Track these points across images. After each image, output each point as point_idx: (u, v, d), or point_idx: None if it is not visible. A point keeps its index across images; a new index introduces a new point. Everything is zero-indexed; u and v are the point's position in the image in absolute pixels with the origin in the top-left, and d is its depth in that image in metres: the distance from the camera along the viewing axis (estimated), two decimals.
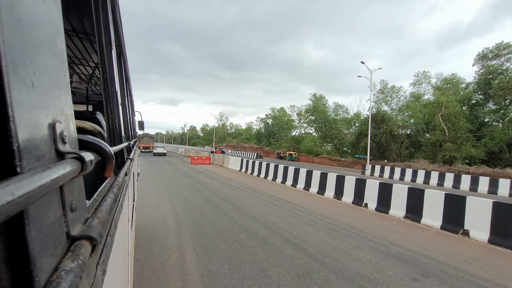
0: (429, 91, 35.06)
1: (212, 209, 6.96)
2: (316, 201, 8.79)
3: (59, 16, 0.35)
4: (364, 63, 21.35)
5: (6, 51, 0.22)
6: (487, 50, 28.45)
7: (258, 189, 10.44)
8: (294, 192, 10.30)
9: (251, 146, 56.65)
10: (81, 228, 0.38)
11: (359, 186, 8.48)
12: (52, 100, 0.31)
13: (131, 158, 1.91)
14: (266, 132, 60.71)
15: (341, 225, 6.18)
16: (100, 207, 0.52)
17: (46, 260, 0.26)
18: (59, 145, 0.31)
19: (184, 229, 5.24)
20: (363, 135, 30.45)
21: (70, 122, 0.37)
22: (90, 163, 0.36)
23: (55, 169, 0.26)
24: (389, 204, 7.45)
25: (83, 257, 0.31)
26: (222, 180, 12.46)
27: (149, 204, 7.32)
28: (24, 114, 0.24)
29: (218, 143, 70.24)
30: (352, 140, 35.24)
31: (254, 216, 6.40)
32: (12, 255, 0.23)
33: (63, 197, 0.32)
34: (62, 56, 0.36)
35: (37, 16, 0.28)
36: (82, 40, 2.99)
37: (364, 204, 8.15)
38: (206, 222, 5.79)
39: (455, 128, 24.71)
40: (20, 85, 0.24)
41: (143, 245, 4.32)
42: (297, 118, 55.10)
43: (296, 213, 6.99)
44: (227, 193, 9.33)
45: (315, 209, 7.62)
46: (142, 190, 8.98)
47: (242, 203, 7.76)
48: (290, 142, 46.65)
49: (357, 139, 32.32)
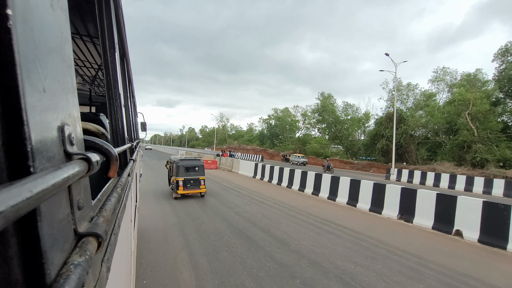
0: (443, 89, 32.86)
1: (243, 243, 4.66)
2: (379, 224, 6.49)
3: (67, 23, 0.36)
4: (389, 55, 19.21)
5: (21, 60, 0.23)
6: (510, 44, 26.44)
7: (290, 204, 8.12)
8: (337, 209, 7.99)
9: (253, 148, 54.32)
10: (88, 225, 0.39)
11: (447, 204, 6.22)
12: (61, 104, 0.32)
13: (133, 159, 1.90)
14: (269, 134, 58.40)
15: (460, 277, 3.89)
16: (104, 206, 0.53)
17: (56, 254, 0.27)
18: (68, 147, 0.32)
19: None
20: (380, 136, 28.18)
21: (77, 125, 0.38)
22: (96, 164, 0.37)
23: (65, 169, 0.27)
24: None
25: (90, 252, 0.32)
26: (238, 191, 10.13)
27: (149, 232, 4.99)
28: (36, 117, 0.25)
29: (218, 145, 68.04)
30: (366, 142, 32.76)
31: (313, 259, 4.10)
32: (25, 249, 0.24)
33: (71, 196, 0.33)
34: (69, 62, 0.37)
35: (47, 25, 0.29)
36: (86, 42, 3.00)
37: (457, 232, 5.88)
38: (243, 275, 3.50)
39: (484, 127, 22.51)
40: (33, 91, 0.25)
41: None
42: (302, 119, 52.95)
43: (372, 250, 4.67)
44: (252, 211, 7.00)
45: (395, 242, 5.31)
46: (140, 207, 6.66)
47: (281, 231, 5.45)
48: (296, 143, 44.26)
49: (372, 140, 30.03)
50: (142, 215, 6.16)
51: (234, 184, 11.91)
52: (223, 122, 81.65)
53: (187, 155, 32.27)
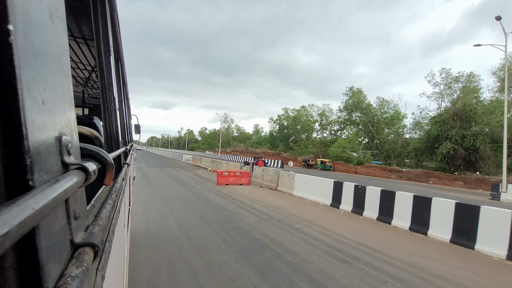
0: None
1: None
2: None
3: (65, 32, 0.36)
4: (500, 19, 13.30)
5: (22, 74, 0.23)
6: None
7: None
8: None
9: (264, 151, 48.12)
10: (84, 235, 0.38)
11: None
12: (58, 114, 0.32)
13: (128, 163, 1.88)
14: (280, 135, 52.19)
15: None
16: (100, 214, 0.52)
17: (53, 267, 0.27)
18: (65, 157, 0.32)
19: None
20: (442, 138, 22.37)
21: (74, 133, 0.37)
22: (93, 173, 0.37)
23: (63, 182, 0.27)
24: None
25: (87, 263, 0.31)
26: (366, 264, 3.83)
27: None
28: (35, 131, 0.25)
29: (222, 148, 61.46)
30: (419, 146, 26.53)
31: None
32: (23, 263, 0.23)
33: (68, 206, 0.32)
34: (67, 71, 0.36)
35: (47, 37, 0.29)
36: (80, 44, 2.92)
37: None
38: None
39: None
40: (32, 104, 0.25)
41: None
42: (319, 118, 46.91)
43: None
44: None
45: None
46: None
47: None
48: (318, 146, 38.05)
49: (429, 143, 24.15)
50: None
51: (326, 232, 5.59)
52: (227, 123, 75.38)
53: (194, 162, 25.67)
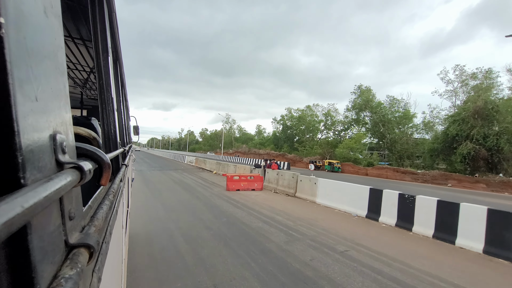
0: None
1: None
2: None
3: (60, 29, 0.35)
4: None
5: (13, 69, 0.22)
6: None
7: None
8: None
9: (267, 152, 46.68)
10: (79, 236, 0.37)
11: None
12: (53, 112, 0.31)
13: (126, 164, 1.86)
14: (284, 136, 50.85)
15: None
16: (96, 214, 0.50)
17: (46, 268, 0.26)
18: (59, 156, 0.31)
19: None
20: (462, 138, 21.09)
21: (69, 132, 0.37)
22: (89, 173, 0.36)
23: (56, 180, 0.27)
24: None
25: (81, 264, 0.31)
26: None
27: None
28: (28, 128, 0.24)
29: (224, 149, 60.21)
30: (435, 146, 25.11)
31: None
32: (14, 263, 0.23)
33: (62, 206, 0.31)
34: (62, 69, 0.35)
35: (40, 33, 0.28)
36: (78, 45, 2.89)
37: None
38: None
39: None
40: (25, 101, 0.24)
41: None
42: (324, 119, 45.61)
43: None
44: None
45: None
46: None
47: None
48: (325, 147, 36.68)
49: (448, 143, 22.82)
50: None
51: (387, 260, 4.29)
52: (229, 124, 74.09)
53: (197, 164, 24.37)
